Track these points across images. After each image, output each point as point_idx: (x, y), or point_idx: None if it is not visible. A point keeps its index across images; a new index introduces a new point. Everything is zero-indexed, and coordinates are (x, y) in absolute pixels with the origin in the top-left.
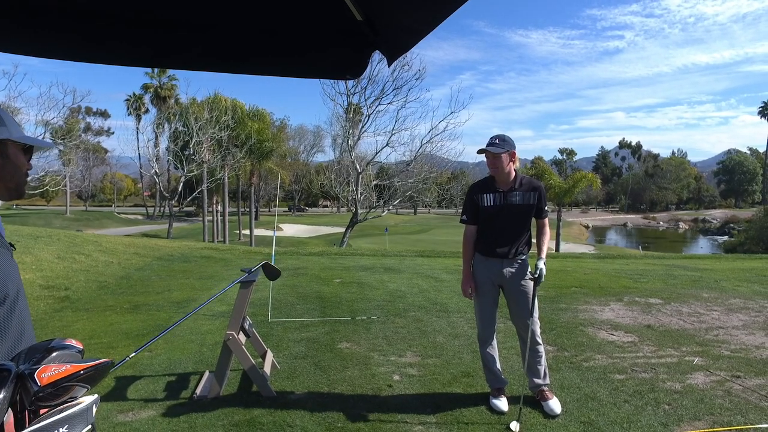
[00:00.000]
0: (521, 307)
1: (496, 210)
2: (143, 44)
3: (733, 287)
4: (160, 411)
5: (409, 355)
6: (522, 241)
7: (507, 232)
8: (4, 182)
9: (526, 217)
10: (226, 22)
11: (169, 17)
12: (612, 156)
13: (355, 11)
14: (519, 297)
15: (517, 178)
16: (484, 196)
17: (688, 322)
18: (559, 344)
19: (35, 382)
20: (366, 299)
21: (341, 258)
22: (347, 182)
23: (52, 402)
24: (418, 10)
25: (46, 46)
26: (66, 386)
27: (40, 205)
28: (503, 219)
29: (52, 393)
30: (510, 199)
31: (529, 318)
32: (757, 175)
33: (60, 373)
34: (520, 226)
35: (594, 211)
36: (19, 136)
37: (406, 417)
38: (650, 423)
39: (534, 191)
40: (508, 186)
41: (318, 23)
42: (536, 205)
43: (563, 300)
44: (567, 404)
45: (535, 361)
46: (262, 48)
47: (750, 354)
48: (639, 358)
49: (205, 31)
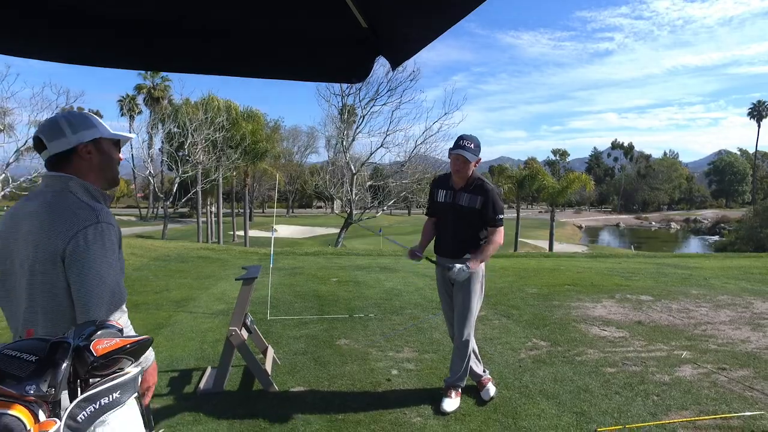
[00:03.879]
0: (458, 307)
1: (445, 207)
2: (151, 49)
3: (721, 284)
4: (165, 405)
5: (407, 351)
6: (467, 243)
7: (453, 232)
8: (103, 173)
9: (471, 220)
10: (241, 29)
11: (192, 25)
12: (604, 157)
13: (361, 19)
14: (459, 298)
15: (471, 180)
16: (440, 191)
17: (677, 318)
18: (553, 340)
19: (92, 353)
20: (363, 297)
21: (337, 258)
22: (341, 183)
23: (103, 372)
24: (420, 20)
25: (60, 50)
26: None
27: None
28: (451, 218)
29: (104, 364)
30: (458, 200)
31: (461, 321)
32: (746, 176)
33: (112, 345)
34: (466, 228)
35: (587, 212)
36: (109, 133)
37: (404, 409)
38: (639, 413)
39: (481, 196)
40: (460, 185)
41: (325, 30)
42: (481, 211)
43: (556, 297)
44: (560, 396)
45: (456, 361)
46: (273, 53)
47: (736, 348)
48: (630, 352)
49: (225, 36)
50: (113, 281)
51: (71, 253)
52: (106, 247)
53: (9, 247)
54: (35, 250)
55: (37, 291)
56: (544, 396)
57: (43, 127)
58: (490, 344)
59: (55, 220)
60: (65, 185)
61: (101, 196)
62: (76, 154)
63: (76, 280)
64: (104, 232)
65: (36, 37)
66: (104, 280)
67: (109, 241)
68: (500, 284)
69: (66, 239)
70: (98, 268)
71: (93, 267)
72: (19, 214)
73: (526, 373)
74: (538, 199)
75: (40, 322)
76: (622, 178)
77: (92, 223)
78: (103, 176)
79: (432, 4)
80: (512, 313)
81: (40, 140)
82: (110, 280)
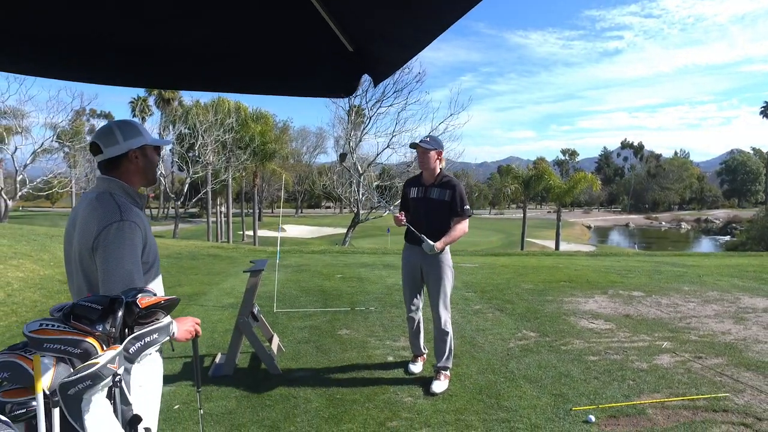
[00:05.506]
0: (434, 291)
1: (418, 202)
2: (165, 70)
3: (713, 281)
4: (179, 385)
5: (403, 340)
6: (438, 231)
7: (426, 223)
8: (146, 175)
9: (442, 211)
10: (240, 52)
11: (197, 50)
12: (614, 156)
13: (347, 44)
14: (433, 284)
15: (440, 176)
16: (412, 189)
17: (664, 312)
18: (542, 331)
19: (137, 306)
20: (365, 292)
21: (343, 256)
22: (349, 183)
23: (144, 321)
24: (397, 47)
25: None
26: (153, 310)
27: (45, 207)
28: (423, 210)
29: (145, 315)
30: (429, 194)
31: (439, 305)
32: (760, 175)
33: (151, 300)
34: (438, 219)
35: (596, 212)
36: (152, 140)
37: (397, 390)
38: (614, 395)
39: (449, 189)
40: (430, 182)
41: (318, 52)
42: (450, 203)
43: (550, 293)
44: (542, 380)
45: (440, 343)
46: (269, 72)
47: (715, 339)
48: (613, 342)
49: (222, 60)
50: (128, 271)
51: (98, 245)
52: (125, 242)
53: (70, 235)
54: (79, 241)
55: (81, 275)
56: (527, 380)
57: (100, 134)
58: (482, 335)
59: (92, 217)
60: (108, 187)
61: (138, 197)
62: (126, 159)
63: (100, 266)
64: (126, 229)
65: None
66: (120, 270)
67: (129, 236)
68: (497, 281)
69: (97, 233)
70: (116, 258)
71: (112, 256)
72: (77, 209)
73: (513, 360)
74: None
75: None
76: (632, 177)
77: (117, 220)
78: (145, 178)
79: (404, 35)
80: (506, 307)
81: (97, 145)
82: (125, 269)
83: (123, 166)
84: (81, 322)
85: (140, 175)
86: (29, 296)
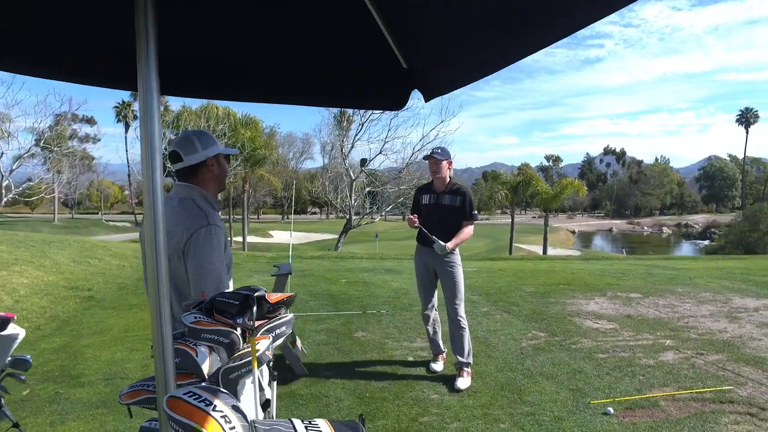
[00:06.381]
0: (449, 289)
1: (431, 208)
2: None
3: (705, 283)
4: None
5: (419, 341)
6: (450, 234)
7: (439, 227)
8: (219, 182)
9: (453, 216)
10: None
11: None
12: (597, 162)
13: (402, 60)
14: (447, 281)
15: (450, 184)
16: (424, 195)
17: (662, 313)
18: (550, 331)
19: (267, 301)
20: (373, 296)
21: (342, 261)
22: (335, 189)
23: (271, 315)
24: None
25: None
26: (278, 306)
27: (25, 213)
28: (435, 215)
29: (272, 309)
30: (440, 200)
31: (454, 300)
32: (736, 181)
33: (278, 297)
34: (449, 223)
35: (580, 217)
36: (224, 149)
37: (423, 387)
38: (627, 389)
39: (460, 195)
40: (441, 189)
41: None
42: (461, 208)
43: (552, 295)
44: (558, 376)
45: (458, 338)
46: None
47: (713, 337)
48: (619, 341)
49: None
50: (218, 271)
51: (189, 249)
52: (213, 245)
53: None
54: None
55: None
56: (544, 377)
57: (180, 143)
58: (494, 335)
59: (178, 222)
60: (188, 193)
61: (215, 202)
62: (204, 166)
63: (191, 270)
64: (213, 233)
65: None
66: (212, 271)
67: (216, 240)
68: (500, 284)
69: (186, 237)
70: (208, 261)
71: (205, 259)
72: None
73: (528, 358)
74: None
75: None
76: (615, 183)
77: (205, 225)
78: (218, 184)
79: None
80: (512, 309)
81: (178, 154)
82: (216, 270)
83: (201, 174)
84: (223, 315)
85: (215, 182)
86: (37, 302)
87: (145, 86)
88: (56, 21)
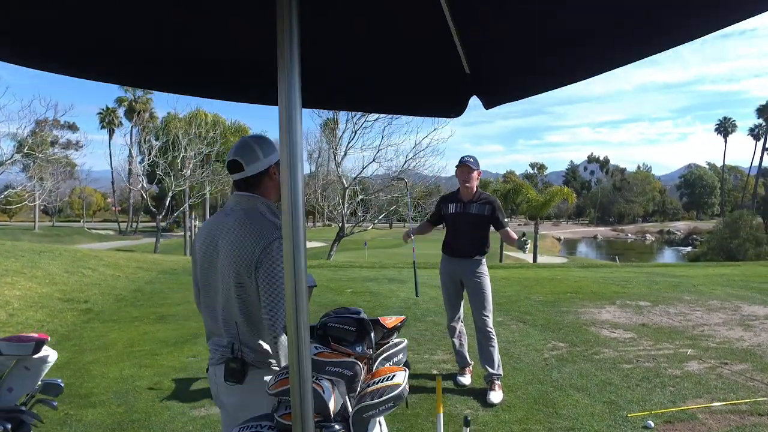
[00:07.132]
0: (477, 300)
1: (456, 216)
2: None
3: (709, 290)
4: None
5: (440, 353)
6: (478, 244)
7: (466, 236)
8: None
9: (480, 225)
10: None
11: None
12: (581, 170)
13: (465, 65)
14: (475, 292)
15: (477, 193)
16: (449, 205)
17: (675, 321)
18: (570, 341)
19: (383, 326)
20: (382, 306)
21: (341, 270)
22: (332, 197)
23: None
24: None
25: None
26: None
27: (2, 221)
28: (462, 224)
29: (387, 334)
30: (468, 209)
31: (483, 311)
32: (715, 189)
33: (393, 321)
34: (476, 232)
35: (565, 224)
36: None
37: (455, 402)
38: (661, 401)
39: (488, 205)
40: (468, 198)
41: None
42: (491, 217)
43: (562, 304)
44: (588, 388)
45: (487, 350)
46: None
47: (733, 345)
48: (641, 351)
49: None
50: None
51: (262, 263)
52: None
53: (211, 259)
54: (233, 262)
55: (233, 301)
56: (574, 389)
57: (240, 151)
58: (514, 346)
59: (247, 235)
60: (253, 204)
61: (279, 213)
62: (266, 175)
63: (264, 283)
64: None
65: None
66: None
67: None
68: (507, 293)
69: (259, 251)
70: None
71: (280, 273)
72: (213, 231)
73: (554, 370)
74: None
75: (240, 328)
76: (599, 191)
77: (277, 237)
78: (279, 193)
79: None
80: (527, 319)
81: (239, 163)
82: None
83: (264, 183)
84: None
85: (276, 191)
86: (32, 315)
87: (288, 100)
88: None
